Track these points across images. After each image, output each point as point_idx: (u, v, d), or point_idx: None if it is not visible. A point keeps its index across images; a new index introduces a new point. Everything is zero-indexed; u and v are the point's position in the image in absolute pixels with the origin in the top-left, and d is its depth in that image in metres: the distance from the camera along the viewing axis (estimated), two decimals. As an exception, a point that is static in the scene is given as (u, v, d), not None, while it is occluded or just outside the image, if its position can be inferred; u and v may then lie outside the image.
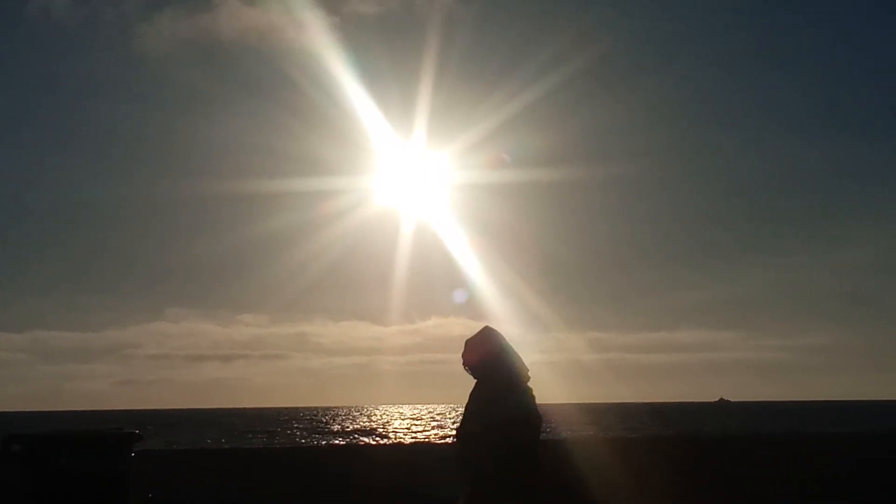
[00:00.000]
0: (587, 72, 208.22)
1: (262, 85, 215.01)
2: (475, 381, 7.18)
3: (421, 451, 27.70)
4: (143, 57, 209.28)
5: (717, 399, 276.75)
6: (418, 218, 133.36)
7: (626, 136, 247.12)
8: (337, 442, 52.20)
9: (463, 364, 7.22)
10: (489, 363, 7.11)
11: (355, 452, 27.91)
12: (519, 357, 7.25)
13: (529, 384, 7.28)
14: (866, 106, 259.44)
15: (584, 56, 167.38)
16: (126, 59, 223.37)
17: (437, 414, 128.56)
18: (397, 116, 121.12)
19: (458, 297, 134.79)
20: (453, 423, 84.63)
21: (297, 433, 68.42)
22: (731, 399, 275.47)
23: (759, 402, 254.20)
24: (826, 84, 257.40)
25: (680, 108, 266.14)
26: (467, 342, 7.22)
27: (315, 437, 60.02)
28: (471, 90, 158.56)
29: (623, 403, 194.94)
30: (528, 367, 7.29)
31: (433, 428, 75.83)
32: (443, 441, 47.20)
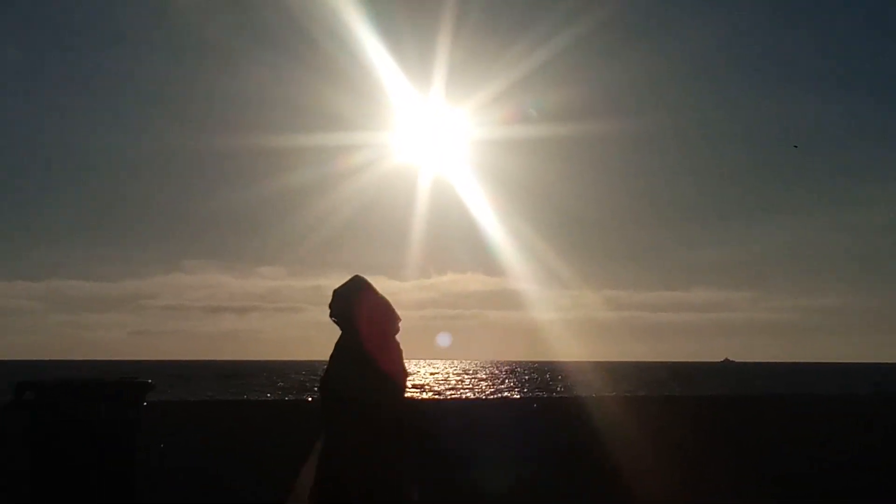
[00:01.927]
0: (606, 25, 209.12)
1: (284, 38, 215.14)
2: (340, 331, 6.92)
3: (436, 407, 27.66)
4: (169, 5, 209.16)
5: (722, 359, 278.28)
6: (436, 174, 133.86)
7: (645, 91, 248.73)
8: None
9: (329, 314, 6.94)
10: (355, 315, 6.85)
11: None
12: (390, 309, 7.03)
13: (398, 337, 7.01)
14: (886, 66, 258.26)
15: (603, 8, 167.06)
16: (151, 7, 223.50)
17: (456, 371, 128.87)
18: (416, 71, 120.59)
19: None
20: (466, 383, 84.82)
21: (308, 386, 68.68)
22: (737, 360, 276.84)
23: (765, 362, 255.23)
24: (846, 41, 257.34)
25: (699, 63, 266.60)
26: (335, 291, 6.99)
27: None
28: (489, 45, 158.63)
29: (636, 362, 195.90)
30: (401, 318, 7.08)
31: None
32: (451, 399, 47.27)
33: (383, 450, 6.61)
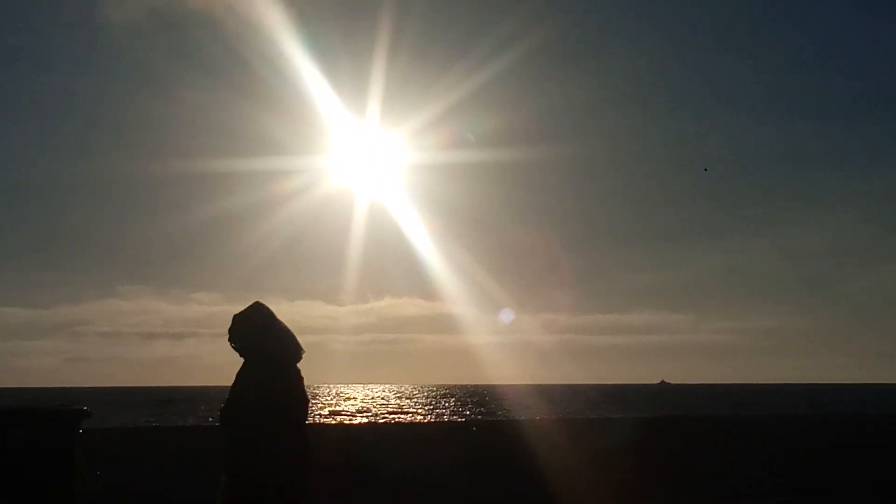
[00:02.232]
0: (541, 50, 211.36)
1: (219, 63, 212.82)
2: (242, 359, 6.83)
3: (374, 432, 27.70)
4: (106, 26, 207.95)
5: (658, 381, 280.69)
6: (373, 198, 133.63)
7: (579, 117, 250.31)
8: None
9: (229, 339, 6.89)
10: (255, 341, 6.80)
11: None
12: (291, 336, 6.97)
13: (300, 365, 6.98)
14: (819, 90, 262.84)
15: (536, 36, 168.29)
16: (88, 28, 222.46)
17: (390, 396, 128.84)
18: (351, 97, 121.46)
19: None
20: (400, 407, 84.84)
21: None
22: (673, 382, 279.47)
23: (701, 384, 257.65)
24: (779, 67, 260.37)
25: (633, 89, 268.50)
26: (235, 317, 6.92)
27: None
28: (425, 70, 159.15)
29: (573, 385, 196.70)
30: (304, 348, 7.04)
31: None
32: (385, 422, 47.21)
33: (284, 480, 6.54)
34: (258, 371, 6.72)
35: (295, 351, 6.94)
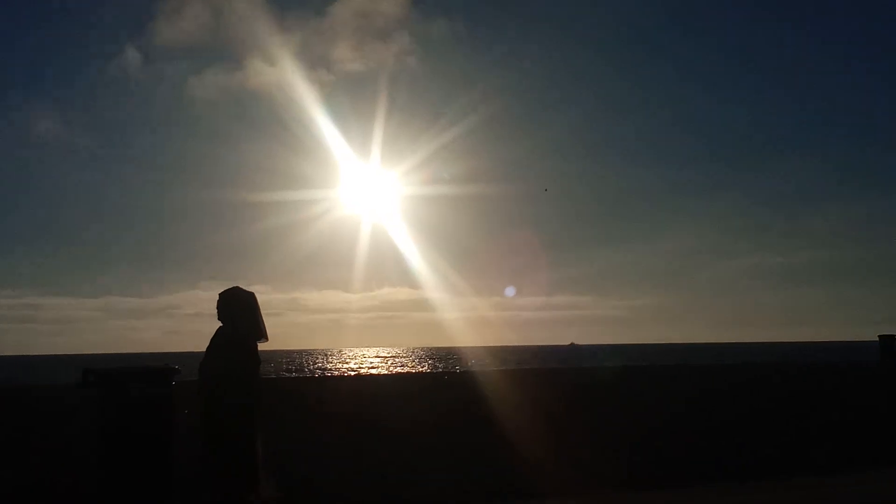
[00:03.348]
0: (493, 116, 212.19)
1: (268, 123, 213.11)
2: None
3: (376, 382, 27.54)
4: (193, 101, 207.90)
5: (569, 343, 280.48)
6: (375, 218, 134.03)
7: (521, 163, 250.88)
8: (315, 375, 51.74)
9: (218, 313, 6.51)
10: (228, 316, 6.47)
11: (324, 381, 27.60)
12: (257, 318, 6.52)
13: (262, 343, 6.54)
14: (678, 144, 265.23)
15: (490, 105, 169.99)
16: (180, 103, 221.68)
17: (389, 356, 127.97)
18: (359, 147, 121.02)
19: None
20: (398, 364, 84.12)
21: (285, 368, 67.69)
22: (580, 343, 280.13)
23: (602, 344, 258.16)
24: (650, 124, 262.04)
25: (558, 144, 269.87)
26: (220, 294, 6.53)
27: (298, 372, 59.44)
28: (412, 126, 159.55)
29: (511, 346, 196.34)
30: (268, 329, 6.58)
31: (389, 366, 75.58)
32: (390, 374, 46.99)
33: (240, 419, 6.20)
34: (220, 342, 6.46)
35: (256, 330, 6.52)
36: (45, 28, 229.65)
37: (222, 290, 6.55)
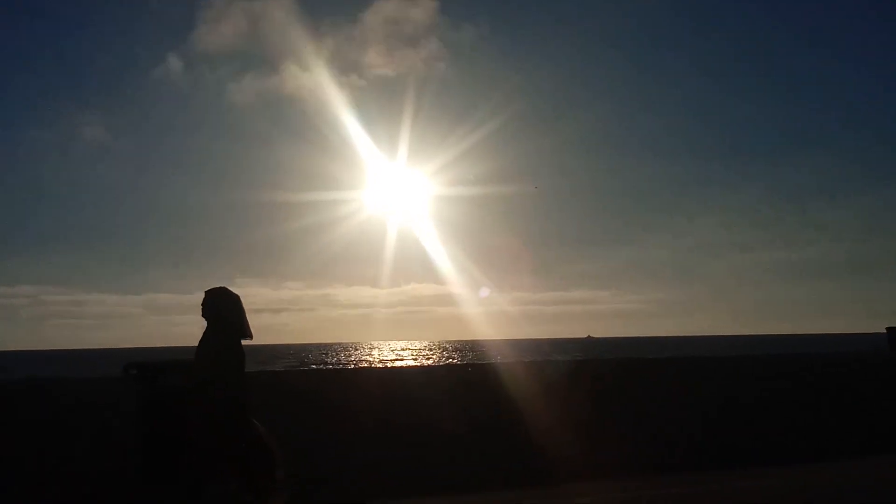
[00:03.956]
0: (515, 118, 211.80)
1: (301, 127, 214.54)
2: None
3: (400, 372, 27.50)
4: (231, 106, 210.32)
5: (585, 336, 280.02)
6: (403, 217, 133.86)
7: (542, 163, 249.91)
8: (341, 367, 51.96)
9: (202, 312, 6.41)
10: (212, 314, 6.36)
11: (356, 373, 27.61)
12: (241, 317, 6.41)
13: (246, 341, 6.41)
14: (693, 141, 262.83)
15: (513, 107, 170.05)
16: (219, 108, 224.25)
17: (415, 349, 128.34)
18: (386, 148, 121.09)
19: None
20: (423, 356, 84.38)
21: (321, 360, 68.10)
22: (596, 336, 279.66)
23: (618, 337, 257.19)
24: (662, 122, 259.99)
25: (577, 145, 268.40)
26: (206, 292, 6.43)
27: (324, 365, 59.79)
28: (438, 129, 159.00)
29: (531, 339, 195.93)
30: (253, 328, 6.46)
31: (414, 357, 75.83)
32: (416, 366, 47.08)
33: (221, 415, 6.07)
34: (206, 338, 6.35)
35: (239, 329, 6.38)
36: (92, 38, 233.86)
37: (208, 289, 6.43)
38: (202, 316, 6.38)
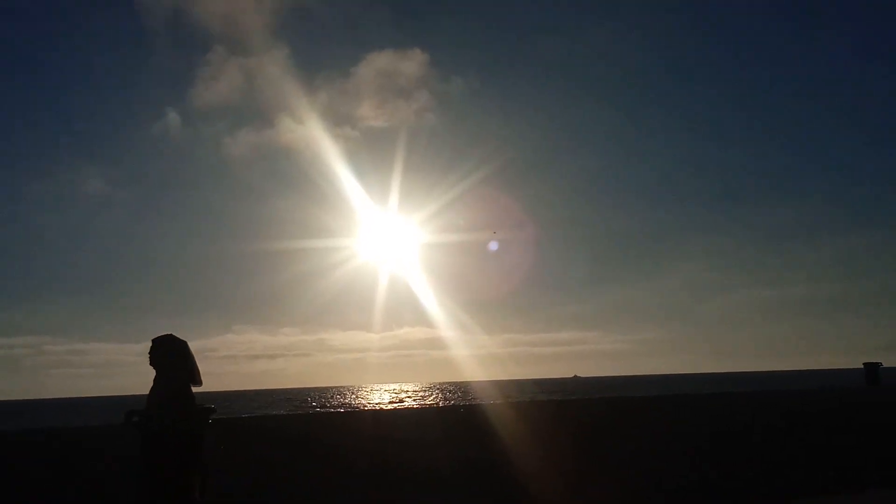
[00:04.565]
0: (499, 169, 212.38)
1: (295, 178, 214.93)
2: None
3: (395, 414, 27.31)
4: (227, 159, 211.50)
5: (572, 376, 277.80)
6: (394, 264, 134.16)
7: (531, 211, 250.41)
8: (338, 410, 51.45)
9: (150, 361, 6.11)
10: (159, 363, 6.08)
11: (349, 415, 27.45)
12: (189, 364, 6.18)
13: (196, 387, 6.20)
14: (676, 188, 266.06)
15: (497, 160, 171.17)
16: (217, 160, 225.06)
17: (407, 391, 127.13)
18: (378, 199, 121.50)
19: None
20: (415, 398, 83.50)
21: (318, 404, 67.34)
22: (582, 375, 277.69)
23: (605, 376, 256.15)
24: (648, 164, 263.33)
25: (557, 195, 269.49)
26: (153, 340, 6.15)
27: (321, 408, 59.13)
28: (427, 179, 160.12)
29: (518, 380, 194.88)
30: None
31: (404, 399, 75.00)
32: (406, 407, 46.68)
33: (178, 459, 5.98)
34: (155, 387, 6.10)
35: (189, 377, 6.18)
36: (93, 94, 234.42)
37: (155, 337, 6.17)
38: (150, 364, 6.09)
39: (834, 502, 7.97)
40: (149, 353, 6.08)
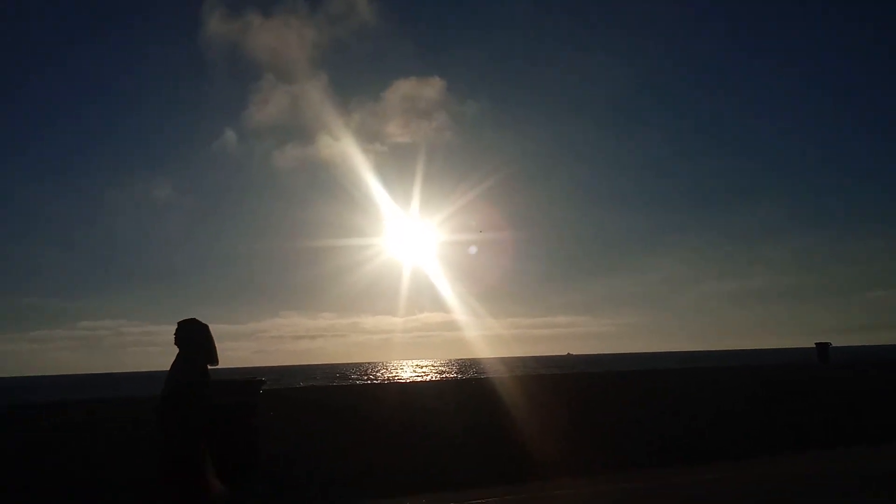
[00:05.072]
0: (510, 177, 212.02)
1: (331, 186, 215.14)
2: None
3: (418, 386, 27.25)
4: (276, 172, 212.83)
5: (565, 353, 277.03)
6: (415, 260, 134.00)
7: (531, 214, 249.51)
8: (369, 382, 51.50)
9: (175, 340, 5.81)
10: (183, 343, 5.77)
11: (379, 387, 27.39)
12: (208, 347, 5.85)
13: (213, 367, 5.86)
14: (658, 193, 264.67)
15: (507, 168, 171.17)
16: (266, 172, 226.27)
17: (427, 366, 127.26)
18: (402, 202, 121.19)
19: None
20: (434, 372, 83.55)
21: (348, 377, 67.42)
22: (575, 353, 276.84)
23: (594, 354, 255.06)
24: (631, 176, 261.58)
25: (564, 199, 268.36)
26: (179, 323, 5.84)
27: (356, 381, 59.19)
28: (446, 184, 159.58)
29: (520, 357, 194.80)
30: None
31: (427, 374, 75.05)
32: (428, 380, 46.69)
33: (185, 437, 5.57)
34: (176, 365, 5.77)
35: (206, 356, 5.84)
36: (163, 115, 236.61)
37: (181, 320, 5.86)
38: (175, 344, 5.80)
39: (783, 460, 7.89)
40: (174, 333, 5.81)
